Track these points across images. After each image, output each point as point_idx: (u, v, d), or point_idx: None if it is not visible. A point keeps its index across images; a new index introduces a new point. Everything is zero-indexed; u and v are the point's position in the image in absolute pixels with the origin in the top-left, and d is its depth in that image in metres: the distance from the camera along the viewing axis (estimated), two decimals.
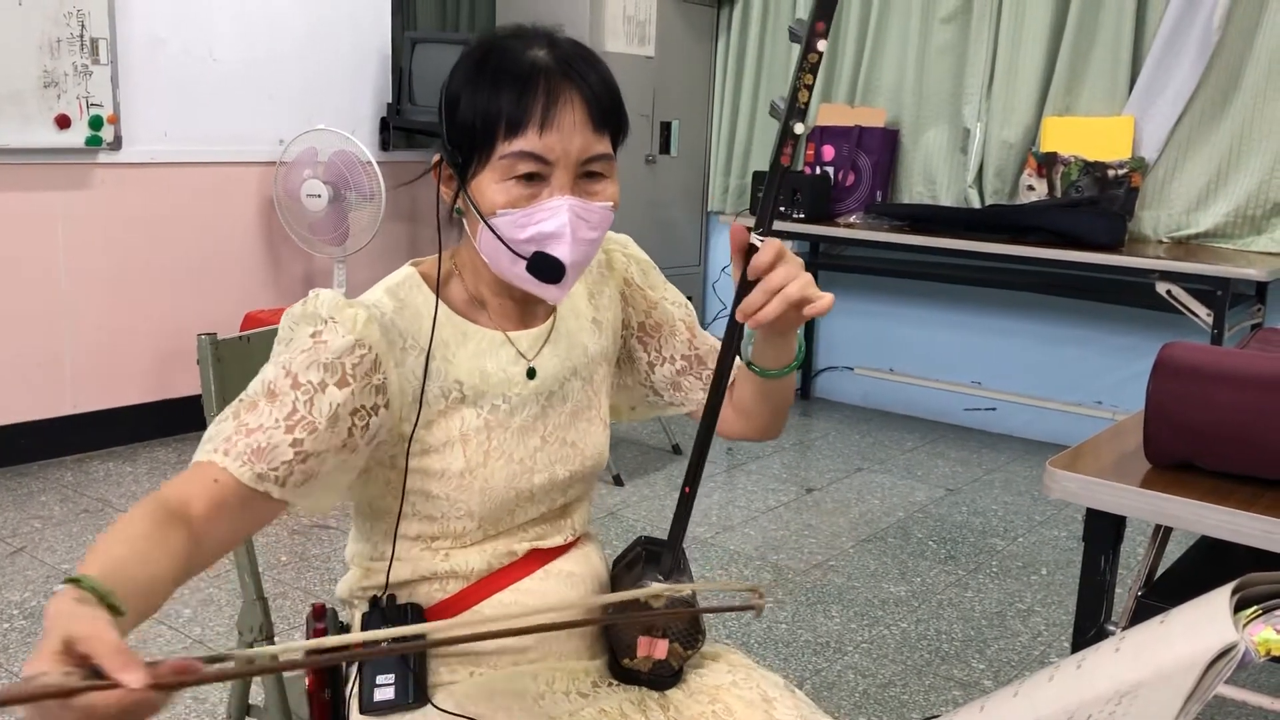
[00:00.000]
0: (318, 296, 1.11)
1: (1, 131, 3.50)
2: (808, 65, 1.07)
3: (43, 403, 3.80)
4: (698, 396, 1.33)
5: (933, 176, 4.66)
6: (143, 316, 4.01)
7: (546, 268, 1.10)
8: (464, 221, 1.16)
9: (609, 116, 1.12)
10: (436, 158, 1.15)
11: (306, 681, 1.26)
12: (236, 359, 1.43)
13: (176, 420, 4.09)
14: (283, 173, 4.10)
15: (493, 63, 1.09)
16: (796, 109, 1.08)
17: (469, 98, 1.09)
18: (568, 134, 1.08)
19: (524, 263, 1.10)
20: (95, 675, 0.69)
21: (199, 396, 1.43)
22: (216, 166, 4.14)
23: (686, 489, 1.20)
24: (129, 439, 4.03)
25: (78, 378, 3.87)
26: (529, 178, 1.08)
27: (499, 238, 1.10)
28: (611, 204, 1.13)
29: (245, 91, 4.17)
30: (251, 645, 1.41)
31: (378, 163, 3.98)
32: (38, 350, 3.76)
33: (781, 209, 4.54)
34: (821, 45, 1.06)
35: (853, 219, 4.56)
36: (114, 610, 0.78)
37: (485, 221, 1.10)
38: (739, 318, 1.09)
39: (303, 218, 4.08)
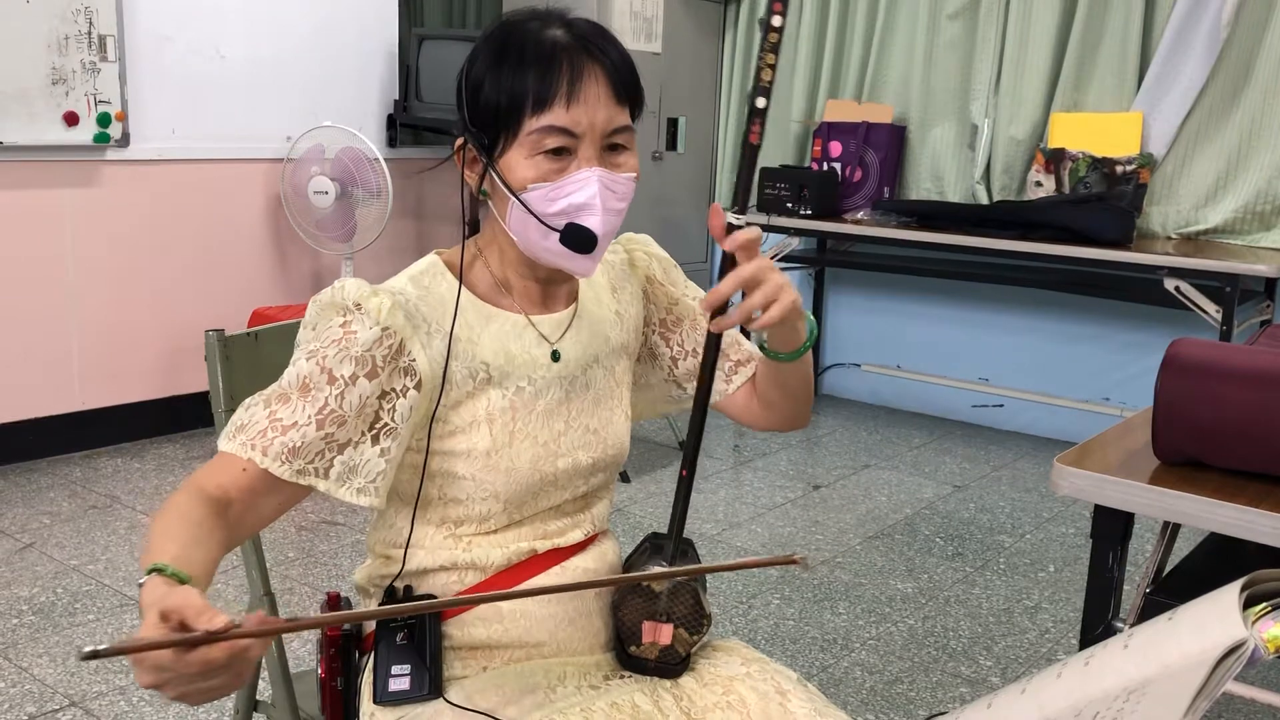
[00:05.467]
0: (343, 285, 1.13)
1: (10, 129, 3.51)
2: (767, 45, 1.12)
3: (51, 399, 3.81)
4: (721, 388, 1.35)
5: (940, 173, 4.65)
6: (150, 313, 4.02)
7: (579, 239, 1.12)
8: (490, 203, 1.18)
9: (629, 88, 1.15)
10: (460, 141, 1.16)
11: (319, 671, 1.26)
12: (244, 355, 1.43)
13: (184, 417, 4.10)
14: (290, 170, 4.11)
15: (514, 44, 1.12)
16: (760, 86, 1.13)
17: (493, 79, 1.12)
18: (593, 106, 1.11)
19: (556, 235, 1.12)
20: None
21: (207, 393, 1.43)
22: (224, 163, 4.15)
23: (684, 472, 1.22)
24: (137, 435, 4.04)
25: (86, 374, 3.88)
26: (557, 152, 1.11)
27: (530, 212, 1.12)
28: (634, 175, 1.16)
29: (252, 88, 4.18)
30: None
31: (385, 159, 3.99)
32: (46, 347, 3.77)
33: (789, 205, 4.54)
34: (777, 21, 1.11)
35: (860, 215, 4.56)
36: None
37: (516, 197, 1.12)
38: (703, 306, 1.15)
39: (310, 214, 4.09)
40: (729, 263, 1.13)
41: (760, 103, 1.12)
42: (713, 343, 1.19)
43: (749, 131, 1.14)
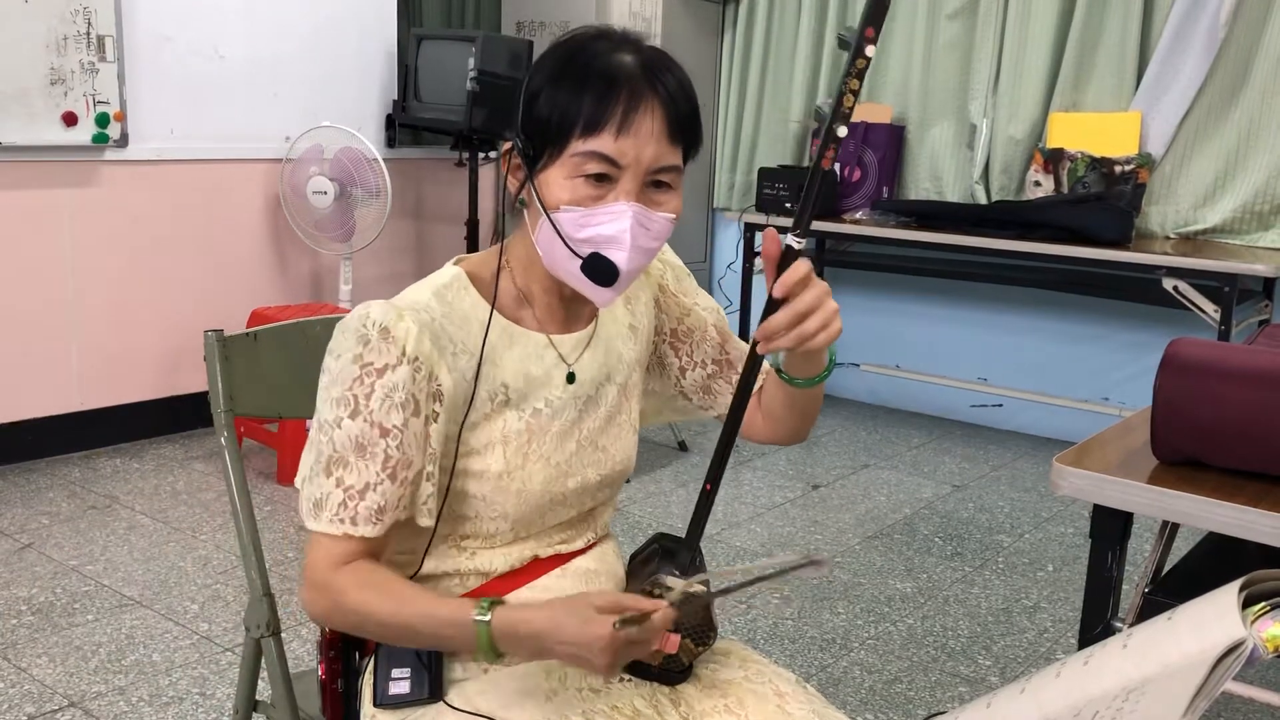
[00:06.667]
0: (368, 313, 1.10)
1: (8, 129, 3.51)
2: (855, 70, 1.07)
3: (50, 399, 3.81)
4: (727, 399, 1.33)
5: (939, 173, 4.65)
6: (150, 313, 4.02)
7: (601, 270, 1.11)
8: (524, 213, 1.17)
9: (685, 129, 1.13)
10: (507, 146, 1.15)
11: (319, 672, 1.26)
12: (243, 356, 1.43)
13: (183, 417, 4.10)
14: (289, 170, 4.11)
15: (578, 62, 1.10)
16: (841, 112, 1.08)
17: (550, 93, 1.10)
18: (643, 141, 1.09)
19: (579, 261, 1.11)
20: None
21: (206, 393, 1.43)
22: (223, 164, 4.15)
23: (708, 486, 1.20)
24: (136, 435, 4.04)
25: (85, 374, 3.88)
26: (597, 178, 1.09)
27: (558, 233, 1.11)
28: (674, 216, 1.14)
29: (251, 89, 4.18)
30: (259, 641, 1.41)
31: (384, 160, 3.98)
32: (45, 347, 3.77)
33: (787, 205, 4.55)
34: (870, 50, 1.07)
35: (859, 215, 4.56)
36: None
37: (547, 214, 1.11)
38: (758, 338, 1.11)
39: (309, 215, 4.09)
40: (774, 300, 1.10)
41: (842, 131, 1.08)
42: (754, 364, 1.17)
43: (823, 156, 1.10)
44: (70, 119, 3.64)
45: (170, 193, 4.01)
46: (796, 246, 1.10)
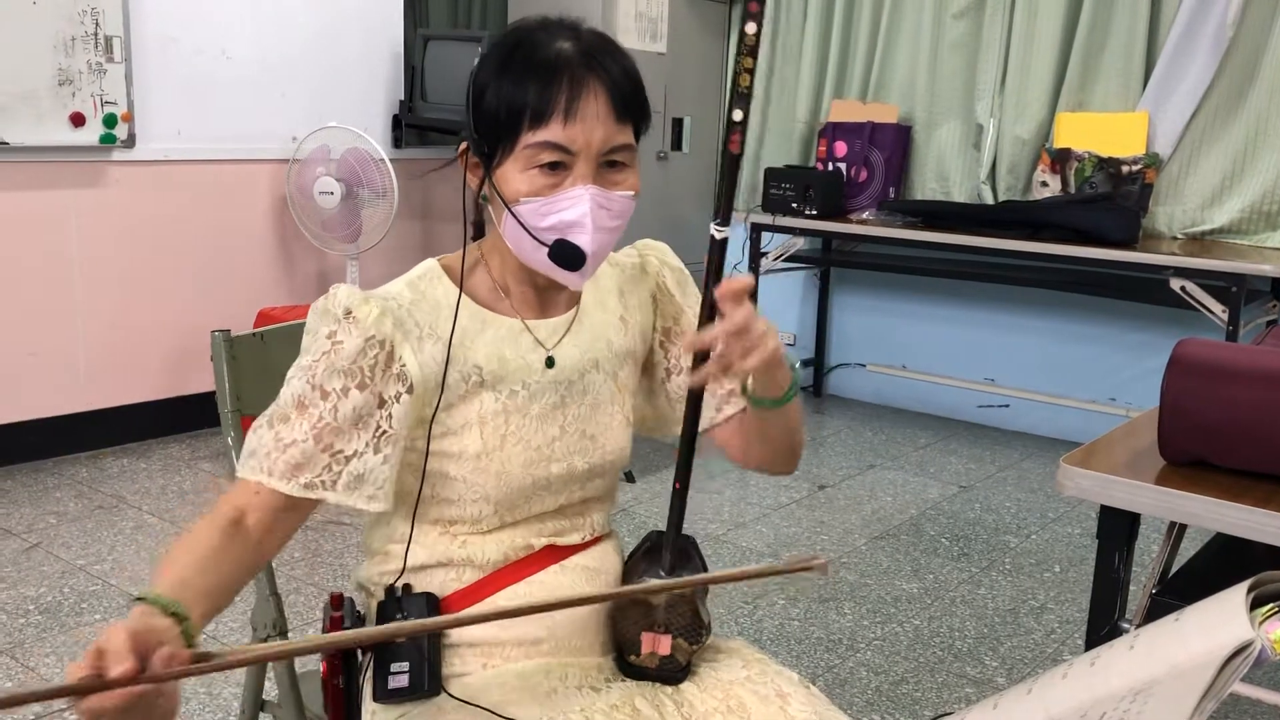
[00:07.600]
0: (336, 293, 1.14)
1: (16, 129, 3.52)
2: (744, 48, 1.06)
3: (57, 399, 3.82)
4: (710, 415, 1.32)
5: (946, 173, 4.65)
6: (156, 313, 4.03)
7: (568, 255, 1.13)
8: (490, 209, 1.19)
9: (631, 107, 1.14)
10: (463, 145, 1.17)
11: (321, 670, 1.26)
12: (250, 355, 1.44)
13: (190, 417, 4.10)
14: (295, 170, 4.11)
15: (519, 54, 1.12)
16: (738, 94, 1.07)
17: (495, 88, 1.12)
18: (590, 125, 1.10)
19: (545, 250, 1.13)
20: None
21: (213, 393, 1.44)
22: (230, 164, 4.15)
23: (677, 484, 1.21)
24: (143, 435, 4.04)
25: (92, 374, 3.89)
26: (552, 167, 1.11)
27: (522, 225, 1.13)
28: (632, 193, 1.16)
29: (258, 89, 4.19)
30: (265, 641, 1.42)
31: (390, 160, 3.99)
32: (52, 347, 3.78)
33: (794, 205, 4.54)
34: (750, 27, 1.04)
35: (865, 215, 4.56)
36: (178, 617, 0.90)
37: (509, 209, 1.13)
38: (685, 348, 1.13)
39: (315, 215, 4.10)
40: (714, 308, 1.08)
41: (737, 115, 1.05)
42: (694, 396, 1.16)
43: (728, 141, 1.09)
44: (78, 119, 3.65)
45: (177, 193, 4.02)
46: (718, 237, 1.11)
